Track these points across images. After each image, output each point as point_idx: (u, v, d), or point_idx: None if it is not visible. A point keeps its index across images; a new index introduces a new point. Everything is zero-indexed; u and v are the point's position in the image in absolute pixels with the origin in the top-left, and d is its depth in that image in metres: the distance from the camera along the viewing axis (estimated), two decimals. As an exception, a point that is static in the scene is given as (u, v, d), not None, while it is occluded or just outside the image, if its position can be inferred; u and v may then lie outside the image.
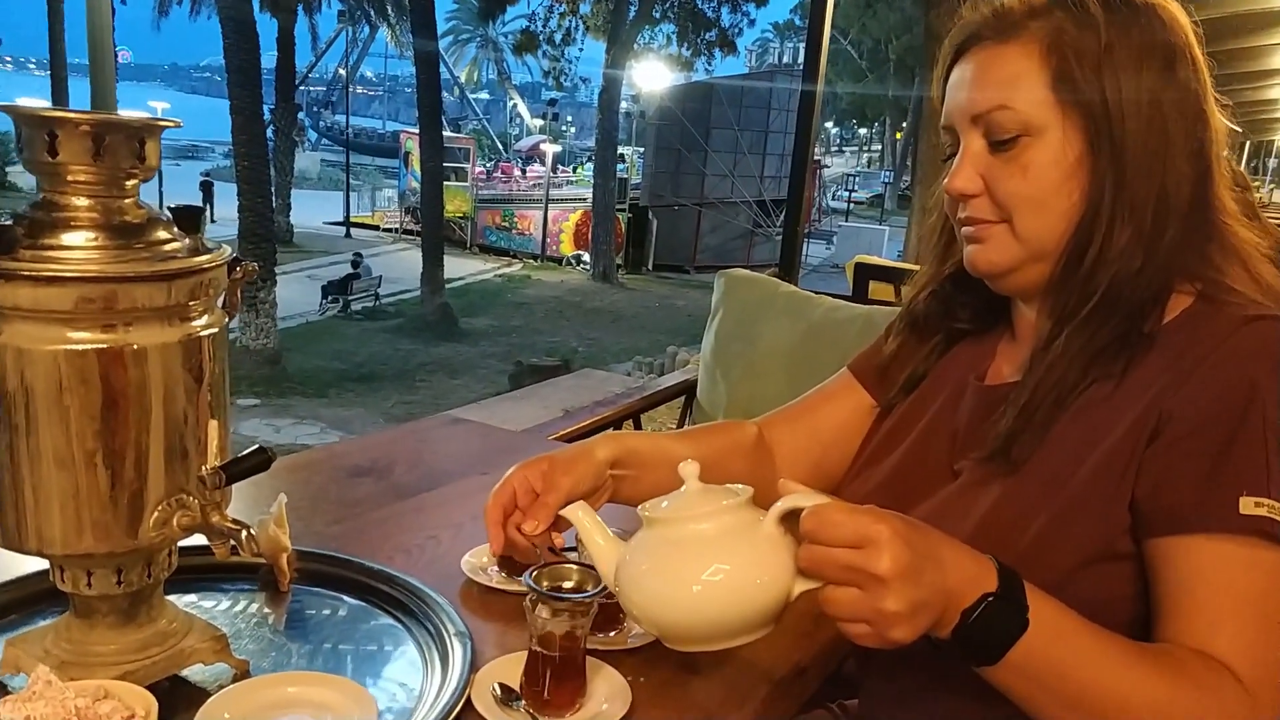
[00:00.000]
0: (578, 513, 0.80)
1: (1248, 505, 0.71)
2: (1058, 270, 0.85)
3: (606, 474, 0.95)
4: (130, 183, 0.71)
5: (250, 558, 0.71)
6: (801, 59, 3.25)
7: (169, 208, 0.75)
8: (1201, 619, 0.73)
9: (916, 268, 1.13)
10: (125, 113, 0.78)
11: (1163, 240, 0.81)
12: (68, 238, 0.67)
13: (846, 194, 34.37)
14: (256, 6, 15.89)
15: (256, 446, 0.74)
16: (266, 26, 17.08)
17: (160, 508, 0.72)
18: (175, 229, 0.73)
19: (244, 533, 0.70)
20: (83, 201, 0.69)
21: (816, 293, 2.16)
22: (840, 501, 0.68)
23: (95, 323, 0.67)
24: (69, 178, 0.68)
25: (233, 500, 0.82)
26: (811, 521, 0.66)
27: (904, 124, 33.67)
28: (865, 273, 3.10)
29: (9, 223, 0.66)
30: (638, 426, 2.14)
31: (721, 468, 1.06)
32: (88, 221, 0.68)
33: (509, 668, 0.83)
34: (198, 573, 0.94)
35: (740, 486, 0.74)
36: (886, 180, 36.21)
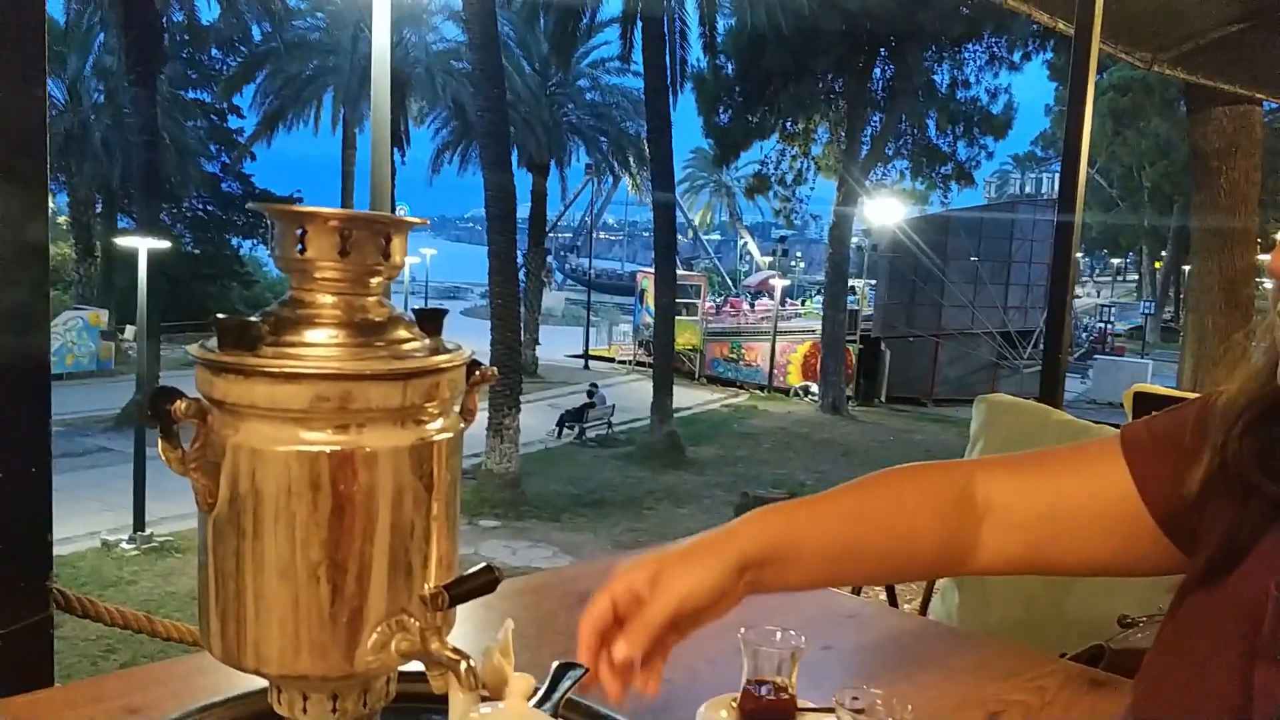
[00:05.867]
0: None
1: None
2: None
3: (737, 583, 0.76)
4: (375, 280, 0.68)
5: (467, 692, 0.62)
6: (1044, 189, 3.28)
7: (414, 310, 0.73)
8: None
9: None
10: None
11: None
12: (309, 335, 0.65)
13: (1101, 325, 31.97)
14: (515, 164, 17.64)
15: (484, 565, 0.67)
16: (522, 180, 18.85)
17: (379, 629, 0.65)
18: (416, 329, 0.70)
19: (464, 664, 0.61)
20: (328, 299, 0.67)
21: (1096, 422, 1.88)
22: None
23: (329, 423, 0.63)
24: (316, 274, 0.66)
25: (458, 622, 0.75)
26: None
27: (1163, 253, 31.38)
28: (1146, 403, 2.73)
29: (256, 319, 0.65)
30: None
31: (906, 535, 0.84)
32: (330, 319, 0.66)
33: None
34: (421, 700, 0.87)
35: None
36: (1147, 311, 33.61)
